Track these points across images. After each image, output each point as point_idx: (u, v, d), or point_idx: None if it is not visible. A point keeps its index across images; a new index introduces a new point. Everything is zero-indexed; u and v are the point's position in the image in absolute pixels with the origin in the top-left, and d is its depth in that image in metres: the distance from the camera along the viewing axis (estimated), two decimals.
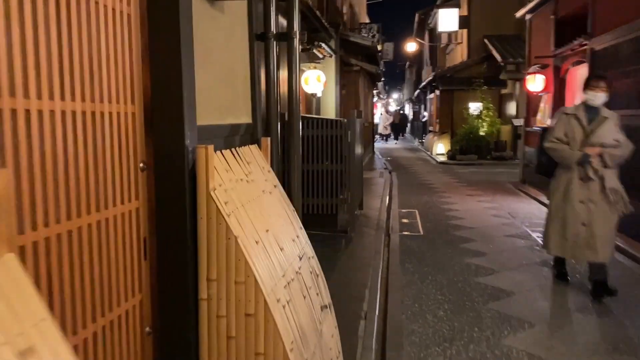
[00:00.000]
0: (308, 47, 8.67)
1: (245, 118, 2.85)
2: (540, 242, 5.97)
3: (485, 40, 18.04)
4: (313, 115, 10.43)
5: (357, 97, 13.17)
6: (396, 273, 4.88)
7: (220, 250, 1.81)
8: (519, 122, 16.13)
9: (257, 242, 1.97)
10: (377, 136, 33.53)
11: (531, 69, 9.15)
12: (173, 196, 1.78)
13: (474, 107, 17.14)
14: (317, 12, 8.65)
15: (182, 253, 1.79)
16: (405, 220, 7.33)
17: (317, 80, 8.50)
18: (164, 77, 1.74)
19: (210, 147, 1.81)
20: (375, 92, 29.40)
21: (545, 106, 9.91)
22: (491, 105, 16.77)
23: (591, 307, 3.99)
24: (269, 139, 2.74)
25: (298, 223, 2.64)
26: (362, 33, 14.79)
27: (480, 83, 16.60)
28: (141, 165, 1.78)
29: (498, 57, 16.32)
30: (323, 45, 9.00)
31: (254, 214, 2.09)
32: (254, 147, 2.56)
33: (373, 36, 14.52)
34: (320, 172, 6.12)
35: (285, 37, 3.25)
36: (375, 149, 21.24)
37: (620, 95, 6.16)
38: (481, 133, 16.65)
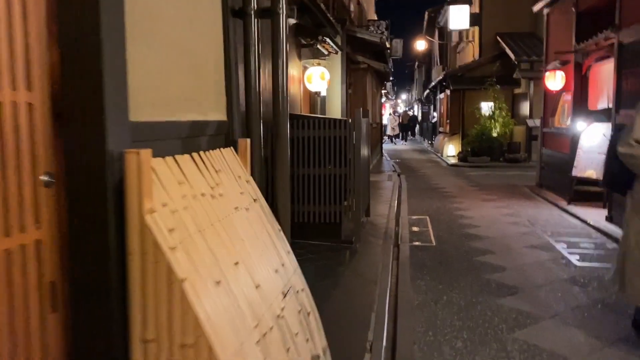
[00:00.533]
0: (312, 42, 8.14)
1: (217, 114, 2.31)
2: (566, 253, 5.40)
3: (498, 38, 17.41)
4: (317, 114, 9.91)
5: (365, 97, 12.62)
6: (406, 292, 4.32)
7: (160, 300, 1.28)
8: (534, 122, 15.50)
9: (218, 284, 1.44)
10: (385, 137, 33.00)
11: (550, 66, 8.55)
12: (91, 223, 1.25)
13: (486, 107, 16.52)
14: (322, 6, 8.12)
15: (106, 304, 1.27)
16: (415, 229, 6.77)
17: (320, 78, 7.96)
18: (76, 53, 1.22)
19: (146, 152, 1.28)
20: (383, 92, 28.84)
21: (565, 106, 9.29)
22: (504, 105, 16.13)
23: (634, 337, 3.41)
24: (248, 140, 2.20)
25: (284, 246, 2.10)
26: (370, 30, 14.24)
27: (493, 82, 15.97)
28: (45, 178, 1.26)
29: (512, 55, 15.69)
30: (327, 40, 8.46)
31: (217, 242, 1.55)
32: (227, 151, 2.03)
33: (382, 33, 13.96)
34: (322, 177, 5.58)
35: (269, 13, 2.69)
36: (383, 151, 20.67)
37: None
38: (493, 134, 16.03)
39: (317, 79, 7.97)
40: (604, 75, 7.69)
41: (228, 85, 2.44)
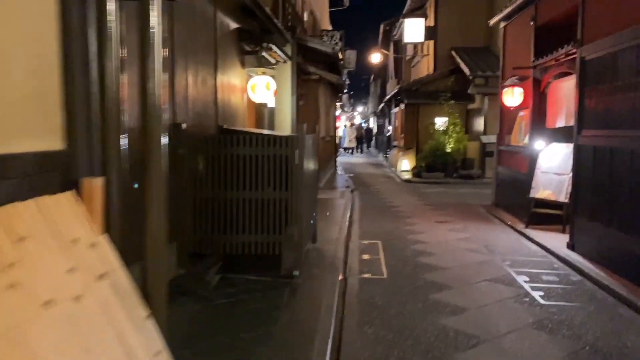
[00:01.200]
0: (256, 49, 7.44)
1: (39, 141, 1.52)
2: (529, 289, 4.88)
3: (453, 53, 17.25)
4: (264, 128, 9.19)
5: (317, 109, 12.00)
6: (352, 345, 3.64)
7: None
8: (488, 139, 15.31)
9: None
10: (341, 149, 32.60)
11: (508, 82, 8.18)
12: None
13: (441, 122, 16.26)
14: (268, 10, 7.45)
15: None
16: (365, 257, 6.13)
17: (266, 88, 7.27)
18: None
19: None
20: (338, 104, 28.45)
21: (522, 123, 8.95)
22: (458, 120, 15.92)
23: None
24: (100, 179, 1.47)
25: (151, 346, 1.36)
26: (323, 40, 13.70)
27: (447, 97, 15.74)
28: None
29: (466, 70, 15.50)
30: (274, 48, 7.79)
31: None
32: (58, 200, 1.28)
33: (335, 44, 13.45)
34: (260, 202, 4.87)
35: None
36: (338, 164, 20.13)
37: (620, 113, 5.16)
38: (448, 150, 15.76)
39: (262, 89, 7.28)
40: (563, 92, 7.35)
41: (69, 95, 1.66)
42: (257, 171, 4.84)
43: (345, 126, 35.16)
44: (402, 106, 18.39)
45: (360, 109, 62.42)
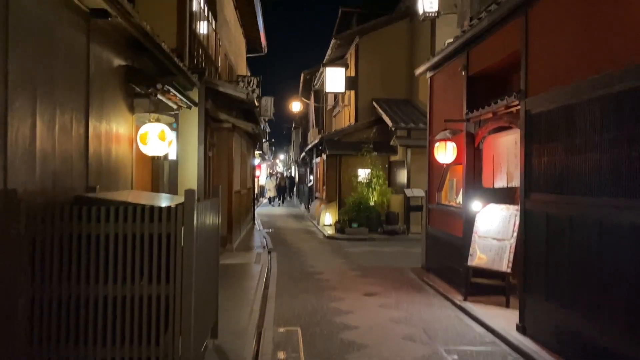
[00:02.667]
0: (149, 91, 6.13)
1: None
2: None
3: (374, 104, 16.82)
4: (162, 185, 7.73)
5: (230, 160, 10.72)
6: None
7: None
8: (412, 192, 14.70)
9: None
10: (263, 199, 31.25)
11: (440, 135, 7.40)
12: None
13: (363, 174, 15.51)
14: (165, 46, 6.21)
15: None
16: (281, 356, 4.80)
17: (159, 139, 5.91)
18: None
19: None
20: (258, 152, 27.33)
21: (454, 180, 8.19)
22: (381, 172, 15.24)
23: None
24: None
25: None
26: (239, 85, 12.60)
27: (370, 148, 15.08)
28: None
29: (388, 122, 15.00)
30: (172, 91, 6.51)
31: None
32: None
33: (252, 90, 12.41)
34: (128, 301, 3.45)
35: None
36: (257, 217, 18.75)
37: (581, 176, 4.36)
38: (371, 203, 14.95)
39: (155, 139, 5.90)
40: (501, 148, 6.63)
41: None
42: (126, 257, 3.45)
43: (267, 176, 34.06)
44: (324, 157, 17.57)
45: (282, 156, 61.80)
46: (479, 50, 6.72)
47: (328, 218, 16.57)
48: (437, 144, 7.47)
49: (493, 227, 6.80)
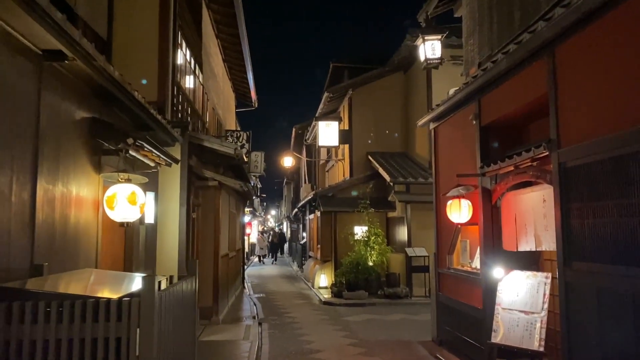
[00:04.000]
0: (119, 146, 5.30)
1: None
2: None
3: (370, 157, 16.15)
4: (135, 255, 6.74)
5: (217, 221, 9.80)
6: None
7: None
8: (414, 251, 13.74)
9: None
10: (253, 258, 29.99)
11: (452, 192, 6.57)
12: None
13: (360, 232, 14.57)
14: (138, 95, 5.45)
15: None
16: None
17: (129, 202, 5.02)
18: None
19: None
20: (248, 210, 26.40)
21: (466, 242, 7.31)
22: (380, 230, 14.33)
23: None
24: None
25: None
26: (227, 141, 11.87)
27: (366, 204, 14.24)
28: None
29: (386, 176, 14.25)
30: (147, 147, 5.69)
31: None
32: None
33: (242, 145, 11.69)
34: None
35: None
36: (247, 279, 17.60)
37: (619, 243, 3.50)
38: (369, 263, 13.94)
39: (123, 202, 5.01)
40: (525, 206, 5.79)
41: None
42: None
43: (258, 234, 33.00)
44: (318, 213, 16.67)
45: (273, 212, 60.75)
46: (494, 97, 6.02)
47: (323, 280, 15.47)
48: (450, 202, 6.64)
49: (519, 297, 5.86)
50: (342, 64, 21.41)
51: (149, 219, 7.21)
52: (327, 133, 16.56)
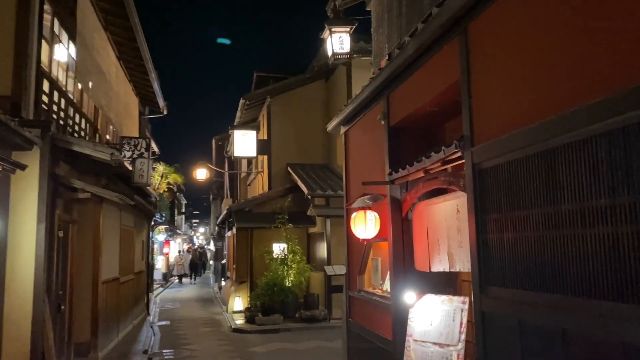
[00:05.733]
0: None
1: None
2: None
3: (289, 169, 15.13)
4: None
5: (97, 241, 8.33)
6: None
7: None
8: (333, 270, 12.77)
9: None
10: (173, 279, 27.98)
11: (357, 203, 5.60)
12: None
13: (279, 250, 13.45)
14: None
15: None
16: None
17: None
18: None
19: None
20: (166, 227, 24.63)
21: (378, 261, 6.37)
22: (298, 247, 13.28)
23: None
24: None
25: None
26: (124, 148, 10.41)
27: (285, 219, 13.17)
28: None
29: (304, 189, 13.26)
30: None
31: None
32: None
33: (141, 154, 10.29)
34: None
35: None
36: (156, 304, 15.93)
37: (577, 267, 2.64)
38: (287, 284, 12.83)
39: None
40: (437, 219, 4.90)
41: None
42: None
43: (178, 252, 31.08)
44: (234, 230, 15.39)
45: (201, 229, 58.49)
46: (403, 91, 5.15)
47: (238, 303, 14.17)
48: (354, 214, 5.66)
49: (433, 327, 4.94)
50: (267, 74, 20.46)
51: None
52: (244, 143, 15.42)
